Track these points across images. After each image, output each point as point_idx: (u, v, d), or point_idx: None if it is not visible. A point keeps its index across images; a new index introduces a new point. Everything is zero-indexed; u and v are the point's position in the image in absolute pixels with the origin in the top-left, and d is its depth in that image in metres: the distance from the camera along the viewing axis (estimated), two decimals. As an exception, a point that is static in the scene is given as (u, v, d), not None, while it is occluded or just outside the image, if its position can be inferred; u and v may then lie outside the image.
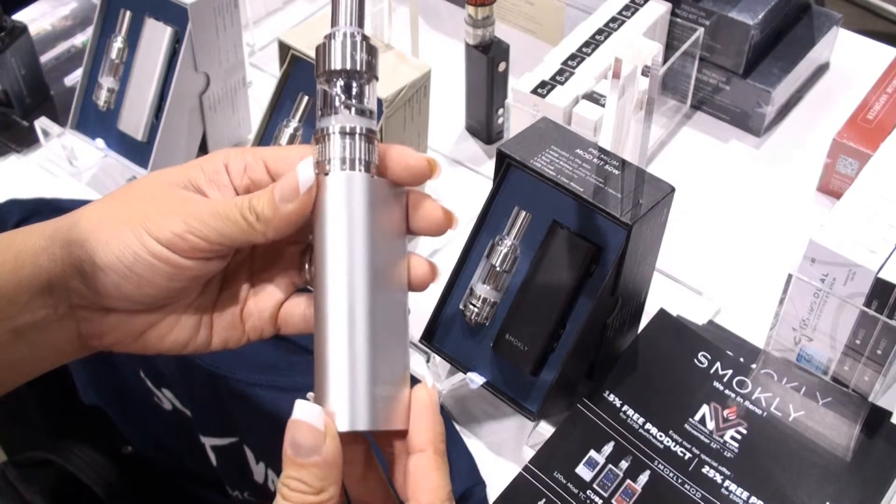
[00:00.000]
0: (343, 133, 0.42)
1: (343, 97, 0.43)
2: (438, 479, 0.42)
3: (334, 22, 0.43)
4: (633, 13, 0.85)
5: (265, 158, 0.46)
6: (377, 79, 0.44)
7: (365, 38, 0.43)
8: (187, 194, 0.45)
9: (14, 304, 0.43)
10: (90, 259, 0.43)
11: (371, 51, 0.43)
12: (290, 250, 0.48)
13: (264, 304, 0.48)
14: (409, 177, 0.45)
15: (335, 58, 0.43)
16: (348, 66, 0.43)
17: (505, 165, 0.63)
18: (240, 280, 0.48)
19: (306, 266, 0.47)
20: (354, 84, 0.43)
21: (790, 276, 0.64)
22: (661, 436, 0.64)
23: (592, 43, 0.82)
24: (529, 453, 0.65)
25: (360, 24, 0.43)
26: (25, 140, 0.89)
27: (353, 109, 0.43)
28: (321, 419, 0.39)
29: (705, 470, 0.62)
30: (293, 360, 0.71)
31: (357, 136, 0.43)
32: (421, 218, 0.45)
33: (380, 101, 0.69)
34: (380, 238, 0.43)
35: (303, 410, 0.39)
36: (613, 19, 0.84)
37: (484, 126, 0.88)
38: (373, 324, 0.42)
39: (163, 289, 0.44)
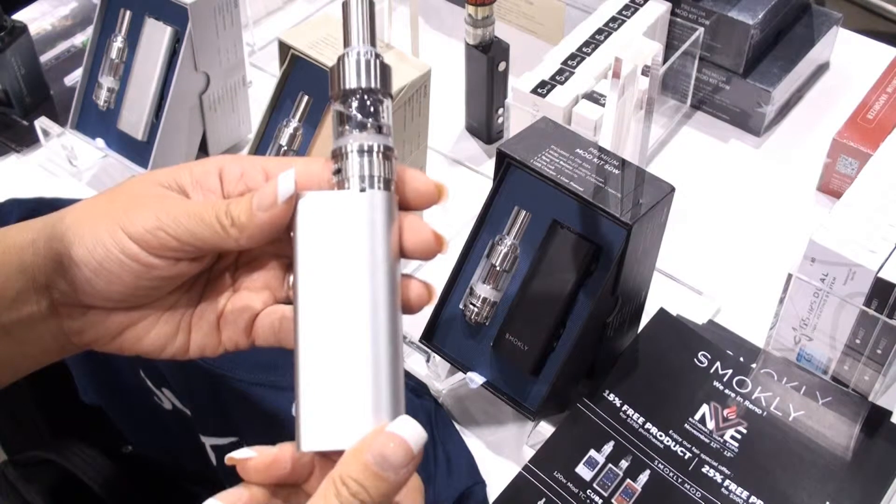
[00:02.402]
0: (361, 151, 0.43)
1: (359, 116, 0.43)
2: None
3: (347, 42, 0.44)
4: (633, 13, 0.85)
5: (266, 167, 0.46)
6: (392, 97, 0.44)
7: (378, 56, 0.44)
8: (168, 193, 0.45)
9: (1, 300, 0.43)
10: (67, 253, 0.43)
11: (385, 69, 0.44)
12: (274, 262, 0.47)
13: (240, 314, 0.47)
14: (416, 199, 0.45)
15: (350, 77, 0.43)
16: (363, 85, 0.43)
17: (505, 165, 0.63)
18: (221, 288, 0.48)
19: (289, 280, 0.47)
20: (370, 102, 0.43)
21: (790, 275, 0.64)
22: (661, 435, 0.64)
23: (592, 43, 0.82)
24: (529, 453, 0.65)
25: (373, 42, 0.44)
26: (25, 140, 0.89)
27: (369, 127, 0.43)
28: (421, 443, 0.39)
29: (705, 469, 0.62)
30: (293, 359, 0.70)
31: (375, 153, 0.43)
32: (411, 240, 0.44)
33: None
34: (394, 257, 0.43)
35: (408, 429, 0.39)
36: (613, 19, 0.84)
37: (484, 126, 0.88)
38: (398, 342, 0.42)
39: (130, 286, 0.44)
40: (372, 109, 0.43)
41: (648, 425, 0.65)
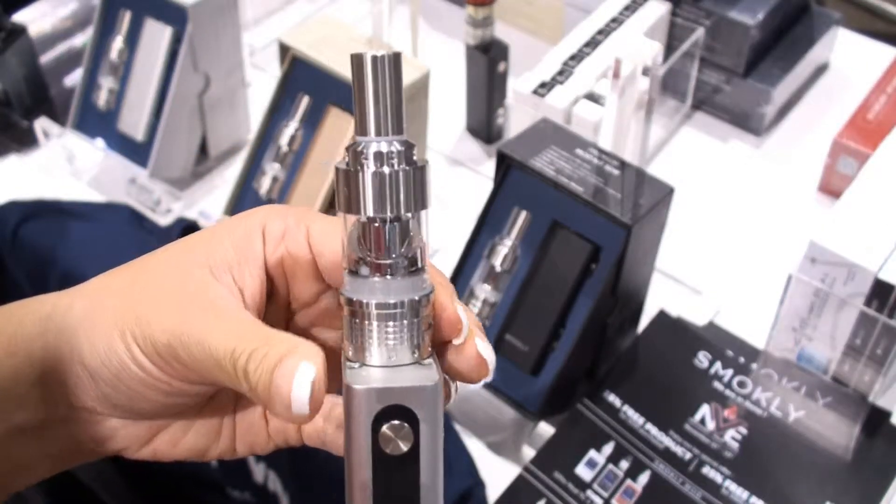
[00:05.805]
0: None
1: (381, 258, 0.34)
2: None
3: (362, 130, 0.40)
4: (633, 13, 0.85)
5: (309, 226, 0.38)
6: (426, 204, 0.38)
7: (411, 151, 0.38)
8: (200, 289, 0.36)
9: (10, 397, 0.36)
10: (79, 358, 0.36)
11: (423, 172, 0.36)
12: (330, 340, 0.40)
13: None
14: None
15: (370, 201, 0.34)
16: (391, 214, 0.34)
17: (505, 165, 0.63)
18: None
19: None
20: (399, 231, 0.35)
21: (790, 276, 0.64)
22: (661, 436, 0.64)
23: (592, 43, 0.82)
24: (529, 453, 0.65)
25: (400, 130, 0.38)
26: (25, 140, 0.89)
27: (402, 269, 0.35)
28: None
29: (705, 470, 0.62)
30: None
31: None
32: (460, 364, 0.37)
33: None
34: None
35: None
36: (613, 19, 0.84)
37: (484, 126, 0.88)
38: None
39: (159, 404, 0.36)
40: (400, 239, 0.33)
41: (648, 426, 0.65)
